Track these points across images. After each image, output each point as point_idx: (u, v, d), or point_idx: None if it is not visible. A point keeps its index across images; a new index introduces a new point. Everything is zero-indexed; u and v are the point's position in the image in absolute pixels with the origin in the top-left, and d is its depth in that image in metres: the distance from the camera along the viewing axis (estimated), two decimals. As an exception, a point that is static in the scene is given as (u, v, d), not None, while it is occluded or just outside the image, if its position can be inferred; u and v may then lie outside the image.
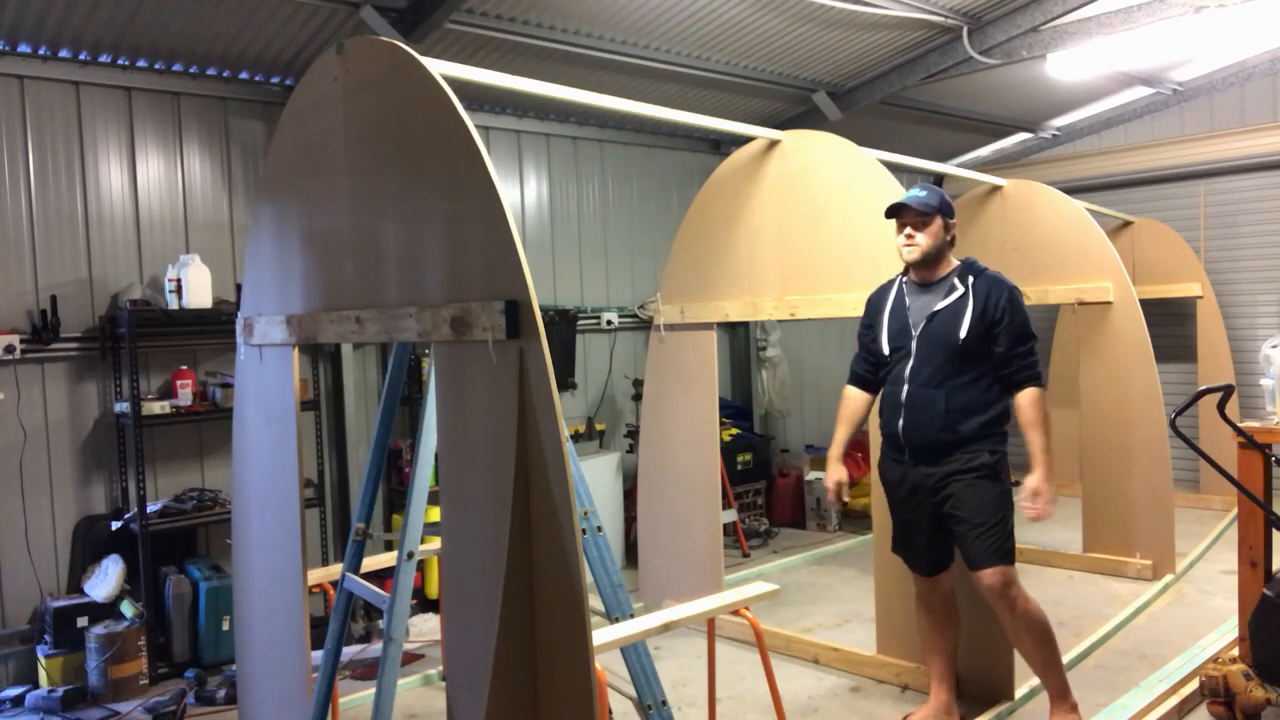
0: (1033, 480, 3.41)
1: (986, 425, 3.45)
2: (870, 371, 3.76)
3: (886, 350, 3.64)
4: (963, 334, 3.45)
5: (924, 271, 3.61)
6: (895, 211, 3.60)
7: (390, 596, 3.04)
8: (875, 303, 3.77)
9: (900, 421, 3.55)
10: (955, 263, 3.62)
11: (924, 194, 3.57)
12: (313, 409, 5.33)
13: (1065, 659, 4.25)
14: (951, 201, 3.65)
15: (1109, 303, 5.62)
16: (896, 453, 3.64)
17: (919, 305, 3.58)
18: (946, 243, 3.59)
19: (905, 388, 3.54)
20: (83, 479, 4.73)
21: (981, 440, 3.45)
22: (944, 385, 3.46)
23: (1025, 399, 3.46)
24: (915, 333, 3.55)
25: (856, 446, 7.68)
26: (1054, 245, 5.81)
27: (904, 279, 3.69)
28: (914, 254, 3.57)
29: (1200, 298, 7.39)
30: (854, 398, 3.80)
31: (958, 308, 3.49)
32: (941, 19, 5.81)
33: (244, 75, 5.19)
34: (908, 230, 3.57)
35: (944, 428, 3.44)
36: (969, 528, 3.44)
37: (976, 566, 3.45)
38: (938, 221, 3.54)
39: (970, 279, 3.54)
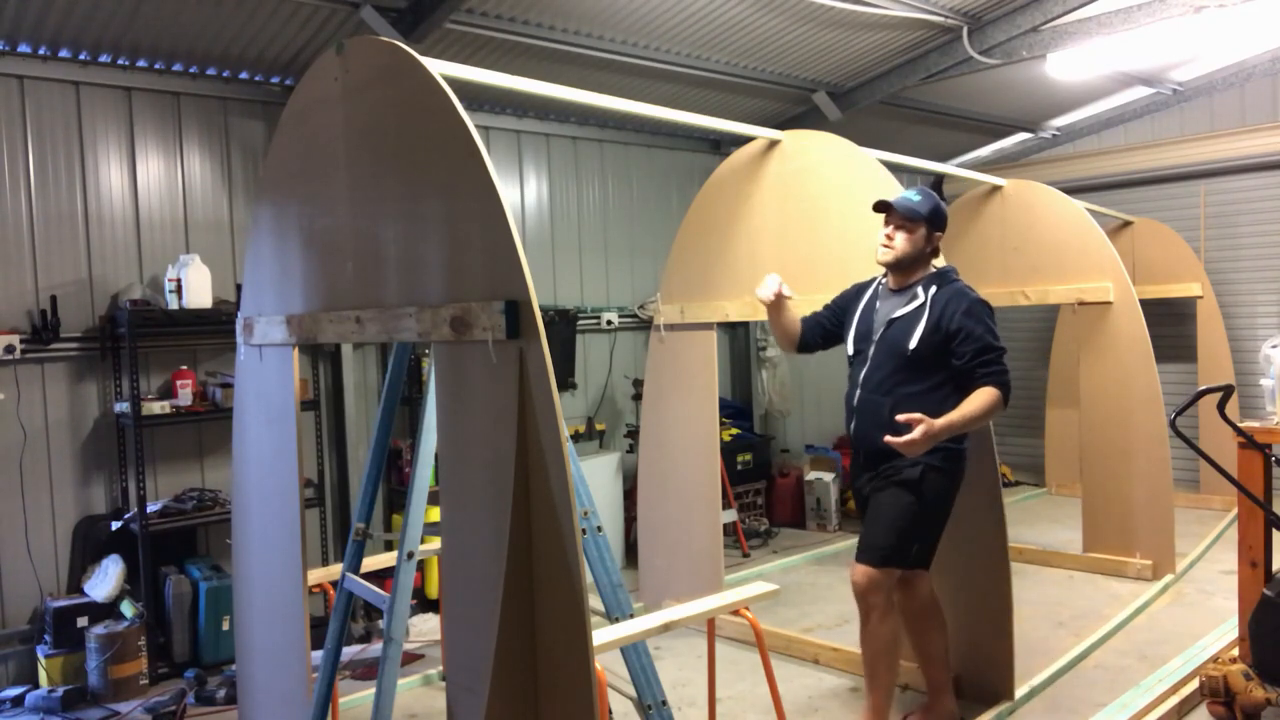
0: (921, 415, 3.11)
1: None
2: (812, 326, 3.79)
3: (850, 351, 3.63)
4: (912, 344, 3.38)
5: (897, 276, 3.56)
6: (883, 208, 3.56)
7: (390, 596, 3.04)
8: (851, 296, 3.75)
9: (852, 424, 3.55)
10: (930, 270, 3.55)
11: (916, 199, 3.50)
12: (313, 409, 5.33)
13: (1065, 659, 4.28)
14: (945, 212, 3.59)
15: (1109, 303, 5.62)
16: (855, 455, 3.64)
17: (884, 310, 3.54)
18: (926, 252, 3.52)
19: (858, 392, 3.52)
20: (83, 479, 4.73)
21: (927, 454, 3.28)
22: (892, 392, 3.40)
23: (979, 390, 3.26)
24: (875, 337, 3.52)
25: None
26: (1054, 245, 5.81)
27: (882, 281, 3.66)
28: (887, 256, 3.52)
29: (1200, 298, 7.38)
30: (797, 318, 3.82)
31: (913, 317, 3.42)
32: (941, 19, 5.81)
33: (244, 75, 5.19)
34: (887, 231, 3.52)
35: (887, 433, 3.25)
36: (867, 521, 3.46)
37: (856, 557, 3.44)
38: (921, 230, 3.48)
39: (933, 289, 3.45)
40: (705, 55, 5.95)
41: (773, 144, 4.72)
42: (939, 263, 3.61)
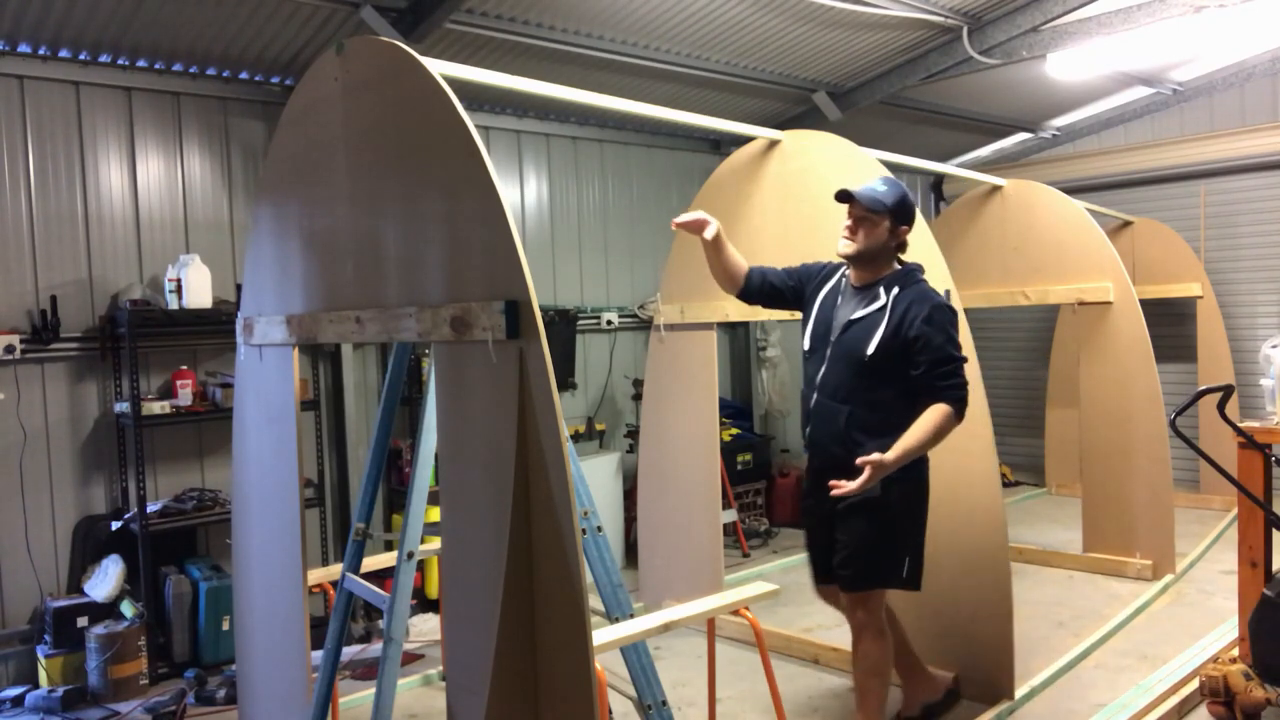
0: (876, 455, 3.01)
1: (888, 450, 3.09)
2: (766, 283, 3.58)
3: (806, 345, 3.49)
4: (870, 350, 3.22)
5: (859, 272, 3.39)
6: (844, 198, 3.34)
7: (390, 596, 3.04)
8: (818, 279, 3.55)
9: (809, 428, 3.45)
10: (895, 268, 3.37)
11: (882, 190, 3.30)
12: (313, 409, 5.34)
13: (1065, 659, 4.28)
14: (913, 205, 3.39)
15: (1109, 303, 5.62)
16: (810, 461, 3.53)
17: (844, 310, 3.37)
18: (890, 247, 3.34)
19: (814, 395, 3.39)
20: (83, 479, 4.73)
21: None
22: (849, 400, 3.27)
23: (931, 408, 3.13)
24: (833, 337, 3.36)
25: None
26: (1054, 245, 5.81)
27: (846, 274, 3.47)
28: (847, 249, 3.33)
29: (1200, 298, 7.38)
30: (744, 263, 3.60)
31: (873, 321, 3.26)
32: (941, 19, 5.81)
33: (244, 75, 5.19)
34: (848, 223, 3.33)
35: (841, 444, 3.24)
36: (840, 547, 3.35)
37: (841, 586, 3.38)
38: (885, 224, 3.29)
39: (895, 290, 3.27)
40: (705, 55, 5.95)
41: (773, 144, 4.72)
42: (907, 258, 3.45)
